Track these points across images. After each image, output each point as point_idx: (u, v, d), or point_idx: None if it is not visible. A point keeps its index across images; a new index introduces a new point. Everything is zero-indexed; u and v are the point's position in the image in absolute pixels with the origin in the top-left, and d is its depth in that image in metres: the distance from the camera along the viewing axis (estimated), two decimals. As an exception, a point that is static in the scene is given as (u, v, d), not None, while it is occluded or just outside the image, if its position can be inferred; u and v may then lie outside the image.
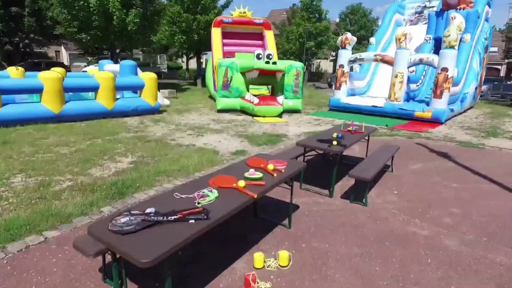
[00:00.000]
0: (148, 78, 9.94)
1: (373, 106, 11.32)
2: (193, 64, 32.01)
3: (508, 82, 17.35)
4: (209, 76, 15.03)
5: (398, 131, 8.88)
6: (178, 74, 35.65)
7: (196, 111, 11.33)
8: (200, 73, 22.53)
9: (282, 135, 7.84)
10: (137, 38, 15.43)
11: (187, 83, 25.92)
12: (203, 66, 25.57)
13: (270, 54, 10.56)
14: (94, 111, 8.82)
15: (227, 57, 13.21)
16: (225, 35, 15.13)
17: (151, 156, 5.65)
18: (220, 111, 11.14)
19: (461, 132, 9.12)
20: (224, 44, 15.12)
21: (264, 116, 10.29)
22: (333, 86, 12.86)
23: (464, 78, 11.84)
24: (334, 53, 33.24)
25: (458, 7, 12.17)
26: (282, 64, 10.41)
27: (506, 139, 8.35)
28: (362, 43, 28.39)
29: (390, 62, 10.98)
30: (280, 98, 10.62)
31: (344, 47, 12.11)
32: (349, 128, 4.90)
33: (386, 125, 9.61)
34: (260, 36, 15.67)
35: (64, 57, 34.68)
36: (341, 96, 12.36)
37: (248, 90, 11.18)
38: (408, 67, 10.69)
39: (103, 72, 9.18)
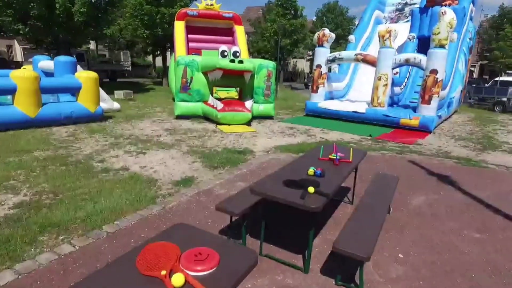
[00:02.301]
0: (86, 78, 8.11)
1: (353, 111, 10.04)
2: (160, 61, 29.92)
3: (486, 85, 16.75)
4: (171, 76, 13.28)
5: (384, 143, 7.60)
6: (149, 72, 33.45)
7: (150, 118, 9.60)
8: (166, 72, 20.64)
9: (246, 151, 6.32)
10: (87, 31, 13.38)
11: (152, 82, 23.91)
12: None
13: (237, 52, 9.03)
14: (9, 120, 6.92)
15: (193, 55, 11.53)
16: (190, 29, 13.43)
17: (54, 192, 3.96)
18: (179, 117, 9.48)
19: (454, 144, 7.97)
20: (189, 40, 13.41)
21: (229, 124, 8.74)
22: (310, 87, 11.51)
23: (451, 81, 10.81)
24: (310, 53, 32.17)
25: (444, 3, 11.14)
26: (251, 63, 8.90)
27: (506, 153, 7.26)
28: (339, 43, 27.43)
29: (372, 63, 9.73)
30: (248, 103, 9.10)
31: (321, 45, 10.77)
32: (331, 156, 3.44)
33: (370, 136, 8.33)
34: (230, 32, 14.07)
35: (18, 52, 31.49)
36: (319, 99, 11.02)
37: (212, 93, 9.59)
38: (392, 68, 9.48)
39: (22, 71, 7.29)
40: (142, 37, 18.44)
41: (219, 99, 9.49)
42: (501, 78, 18.73)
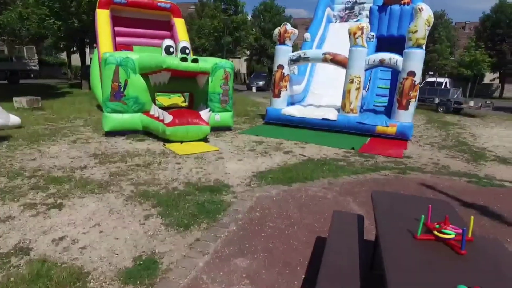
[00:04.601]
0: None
1: (323, 119, 8.81)
2: (76, 60, 25.43)
3: (428, 87, 17.36)
4: (95, 77, 10.55)
5: (373, 158, 6.43)
6: (63, 72, 28.62)
7: (67, 136, 7.01)
8: (86, 72, 17.23)
9: (220, 187, 4.47)
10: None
11: (68, 85, 20.02)
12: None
13: (186, 48, 7.05)
14: None
15: (122, 51, 9.05)
16: (117, 21, 10.85)
17: None
18: (110, 134, 7.10)
19: (440, 153, 7.21)
20: (116, 34, 10.84)
21: (181, 142, 6.72)
22: (253, 88, 10.00)
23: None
24: (248, 52, 30.95)
25: (402, 2, 10.63)
26: (207, 63, 6.98)
27: (497, 163, 6.67)
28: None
29: (343, 63, 8.61)
30: (204, 113, 7.18)
31: (283, 43, 9.33)
32: (442, 233, 1.85)
33: (353, 149, 7.12)
34: (168, 25, 11.83)
35: None
36: (281, 105, 9.57)
37: (154, 101, 7.43)
38: (365, 70, 8.47)
39: None
40: (52, 29, 14.88)
41: (164, 108, 7.39)
42: (427, 79, 19.78)
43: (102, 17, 10.34)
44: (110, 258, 2.72)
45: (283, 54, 9.32)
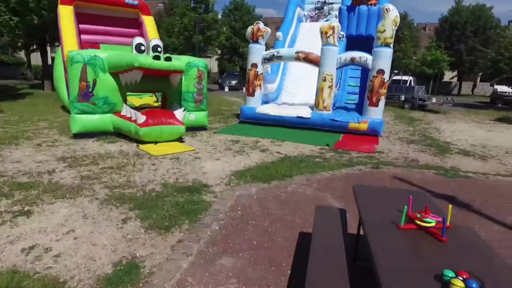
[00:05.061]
0: None
1: (298, 117, 8.92)
2: (36, 59, 24.00)
3: (394, 85, 18.11)
4: (59, 77, 10.02)
5: (346, 154, 6.61)
6: (22, 72, 26.95)
7: (31, 140, 6.59)
8: (48, 72, 16.31)
9: (199, 187, 4.39)
10: None
11: (29, 85, 18.87)
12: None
13: (159, 46, 6.87)
14: None
15: (87, 49, 8.64)
16: (82, 18, 10.35)
17: None
18: (78, 136, 6.76)
19: (409, 148, 7.55)
20: (81, 31, 10.33)
21: (155, 142, 6.54)
22: (224, 87, 9.98)
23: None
24: (219, 51, 30.72)
25: (369, 3, 10.99)
26: (181, 61, 6.83)
27: (461, 155, 7.09)
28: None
29: (315, 62, 8.76)
30: (179, 113, 7.03)
31: (256, 41, 9.33)
32: (423, 222, 1.92)
33: (327, 145, 7.28)
34: (136, 23, 11.46)
35: None
36: (256, 104, 9.57)
37: (125, 101, 7.18)
38: (337, 68, 8.68)
39: None
40: (9, 26, 13.91)
41: (135, 109, 7.15)
42: (393, 78, 20.68)
43: (65, 13, 9.83)
44: (88, 265, 2.58)
45: (257, 52, 9.33)
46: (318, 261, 2.07)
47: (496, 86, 24.27)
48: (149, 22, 11.42)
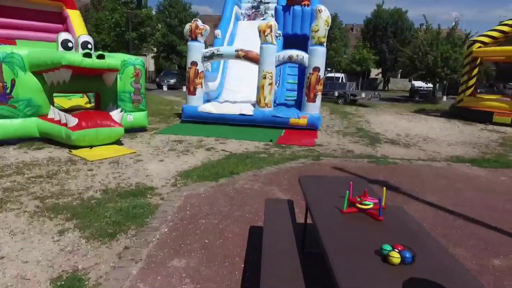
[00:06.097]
0: None
1: (241, 114, 9.02)
2: None
3: (328, 81, 19.25)
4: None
5: (289, 148, 6.89)
6: None
7: None
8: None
9: (143, 189, 4.21)
10: None
11: None
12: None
13: (89, 42, 6.40)
14: None
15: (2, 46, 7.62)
16: (-7, 10, 9.13)
17: None
18: (-3, 144, 5.98)
19: (345, 140, 8.13)
20: (-8, 25, 9.12)
21: (91, 146, 6.08)
22: (160, 86, 9.74)
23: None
24: (155, 49, 29.49)
25: (302, 3, 11.52)
26: (115, 60, 6.42)
27: (389, 144, 7.85)
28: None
29: (255, 59, 8.92)
30: (116, 114, 6.63)
31: (195, 39, 9.17)
32: (363, 204, 2.11)
33: (271, 141, 7.49)
34: (60, 17, 10.47)
35: None
36: (198, 102, 9.43)
37: (52, 103, 6.53)
38: (276, 66, 8.95)
39: None
40: None
41: (65, 111, 6.55)
42: (327, 75, 22.04)
43: (-29, 4, 8.58)
44: (19, 286, 2.32)
45: (196, 50, 9.18)
46: (271, 250, 2.14)
47: (413, 82, 27.23)
48: (75, 17, 10.51)
